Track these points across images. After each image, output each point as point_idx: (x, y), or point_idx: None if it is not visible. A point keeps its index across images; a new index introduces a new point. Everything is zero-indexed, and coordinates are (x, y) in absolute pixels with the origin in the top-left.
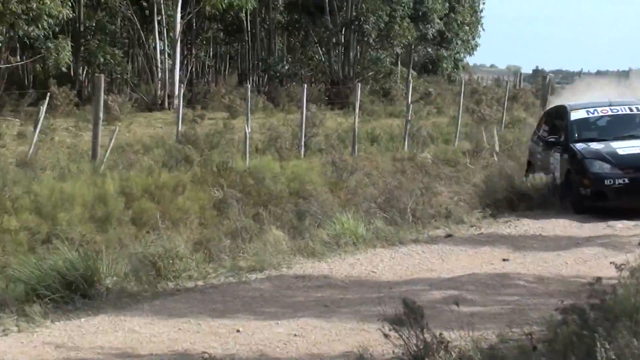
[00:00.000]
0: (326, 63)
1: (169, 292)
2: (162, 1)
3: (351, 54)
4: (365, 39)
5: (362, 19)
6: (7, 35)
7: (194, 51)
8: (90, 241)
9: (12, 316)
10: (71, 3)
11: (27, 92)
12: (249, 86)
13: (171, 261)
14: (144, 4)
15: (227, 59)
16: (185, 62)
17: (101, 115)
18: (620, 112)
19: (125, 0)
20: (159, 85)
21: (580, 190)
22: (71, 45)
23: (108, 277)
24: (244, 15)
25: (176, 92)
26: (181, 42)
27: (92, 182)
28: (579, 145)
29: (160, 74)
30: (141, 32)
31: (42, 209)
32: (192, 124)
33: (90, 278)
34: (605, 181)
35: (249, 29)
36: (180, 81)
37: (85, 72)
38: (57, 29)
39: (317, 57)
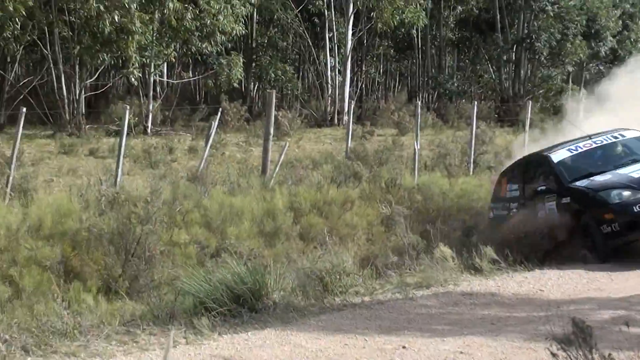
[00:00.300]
0: (496, 80)
1: (335, 308)
2: (333, 18)
3: (522, 71)
4: (537, 56)
5: (533, 36)
6: (181, 51)
7: (364, 68)
8: (258, 255)
9: (180, 328)
10: (244, 20)
11: (198, 107)
12: (419, 103)
13: (338, 276)
14: (316, 20)
15: (397, 76)
16: (355, 78)
17: (271, 130)
18: (605, 142)
19: (298, 18)
20: (329, 101)
21: (602, 228)
22: (243, 62)
23: (275, 291)
24: (414, 32)
25: (346, 109)
26: (351, 58)
27: (261, 197)
28: (581, 183)
29: (330, 90)
30: (312, 49)
31: (212, 223)
32: (361, 140)
33: (258, 292)
34: (634, 208)
35: (419, 46)
36: (350, 97)
37: (256, 87)
38: (229, 45)
39: (487, 74)
